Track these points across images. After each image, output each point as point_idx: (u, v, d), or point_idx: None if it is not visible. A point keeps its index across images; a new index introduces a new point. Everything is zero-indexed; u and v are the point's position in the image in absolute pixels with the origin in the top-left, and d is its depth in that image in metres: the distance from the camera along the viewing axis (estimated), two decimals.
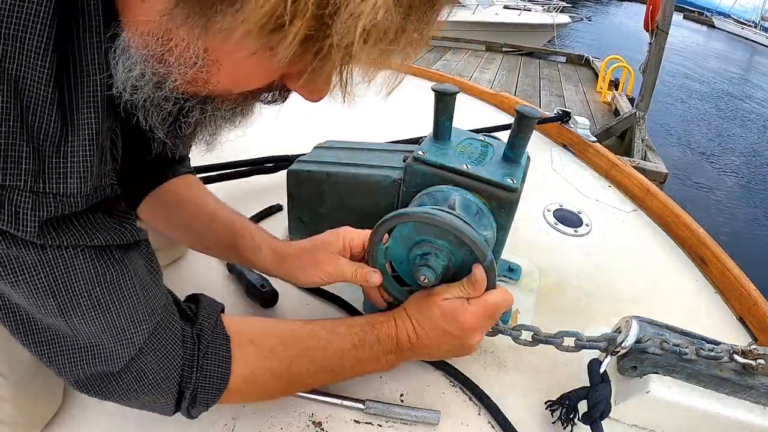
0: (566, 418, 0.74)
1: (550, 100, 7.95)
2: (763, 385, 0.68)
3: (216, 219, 0.82)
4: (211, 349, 0.59)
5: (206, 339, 0.59)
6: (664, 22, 5.45)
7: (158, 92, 0.43)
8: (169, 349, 0.56)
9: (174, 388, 0.57)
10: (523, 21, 12.33)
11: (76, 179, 0.43)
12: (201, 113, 0.47)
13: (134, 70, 0.41)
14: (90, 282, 0.48)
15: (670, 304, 1.04)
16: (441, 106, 0.78)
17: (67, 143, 0.41)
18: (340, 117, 1.87)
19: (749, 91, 14.52)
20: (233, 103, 0.48)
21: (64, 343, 0.51)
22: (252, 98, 0.49)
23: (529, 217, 1.25)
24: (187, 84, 0.42)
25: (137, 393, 0.56)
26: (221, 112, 0.48)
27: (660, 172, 5.39)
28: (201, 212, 0.83)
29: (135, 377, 0.54)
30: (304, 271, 0.75)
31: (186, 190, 0.85)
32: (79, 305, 0.48)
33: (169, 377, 0.56)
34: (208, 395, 0.60)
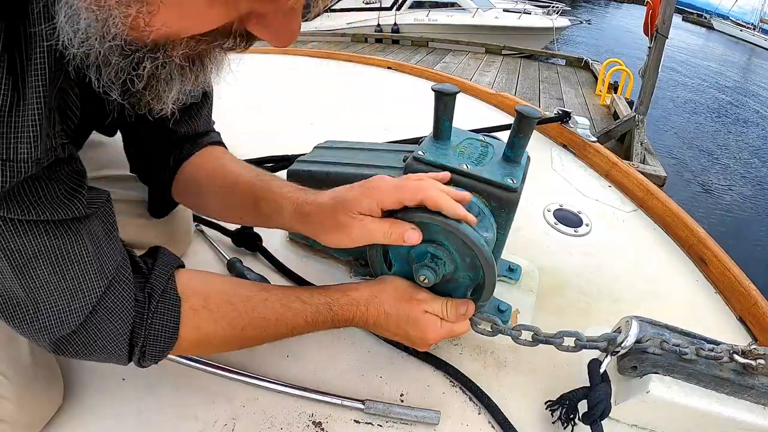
0: (566, 418, 0.74)
1: (549, 102, 7.95)
2: (763, 385, 0.68)
3: (237, 185, 0.79)
4: (160, 309, 0.61)
5: (156, 299, 0.61)
6: (664, 27, 5.46)
7: (104, 44, 0.41)
8: (120, 308, 0.58)
9: (125, 345, 0.59)
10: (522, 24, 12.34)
11: (26, 144, 0.43)
12: (152, 64, 0.44)
13: (77, 21, 0.39)
14: (41, 251, 0.49)
15: (670, 304, 1.03)
16: (441, 106, 0.78)
17: (18, 109, 0.41)
18: (340, 117, 1.87)
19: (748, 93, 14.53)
20: (187, 50, 0.44)
21: (23, 306, 0.52)
22: (208, 45, 0.45)
23: (529, 217, 1.25)
24: (130, 30, 0.40)
25: (92, 350, 0.58)
26: (174, 62, 0.45)
27: (659, 175, 5.39)
28: (225, 181, 0.81)
29: (89, 335, 0.57)
30: (327, 236, 0.70)
31: (211, 161, 0.84)
32: (32, 269, 0.50)
33: (120, 335, 0.58)
34: (156, 352, 0.62)
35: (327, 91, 2.16)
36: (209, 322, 0.64)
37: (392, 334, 0.74)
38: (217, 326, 0.65)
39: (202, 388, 0.78)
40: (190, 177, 0.83)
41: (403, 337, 0.73)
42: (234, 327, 0.66)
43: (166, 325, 0.61)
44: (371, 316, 0.71)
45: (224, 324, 0.65)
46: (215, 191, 0.82)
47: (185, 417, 0.74)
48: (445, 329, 0.72)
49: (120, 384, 0.78)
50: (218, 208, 0.85)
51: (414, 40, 12.18)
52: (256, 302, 0.67)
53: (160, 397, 0.76)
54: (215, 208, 0.86)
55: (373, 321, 0.72)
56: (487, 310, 0.89)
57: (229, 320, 0.65)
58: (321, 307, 0.70)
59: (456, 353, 0.87)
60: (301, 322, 0.69)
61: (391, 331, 0.73)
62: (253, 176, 0.79)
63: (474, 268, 0.71)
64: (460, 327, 0.74)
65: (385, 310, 0.71)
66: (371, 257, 0.77)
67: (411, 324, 0.71)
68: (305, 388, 0.77)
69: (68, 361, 0.80)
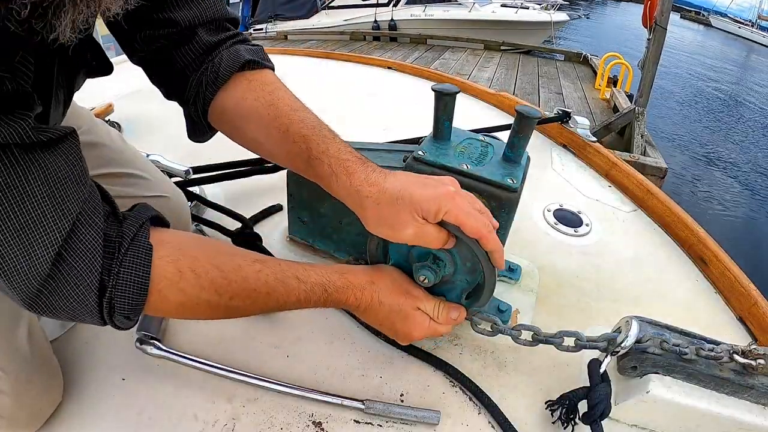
0: (566, 418, 0.74)
1: (548, 97, 7.94)
2: (763, 385, 0.68)
3: (287, 138, 0.70)
4: (129, 256, 0.55)
5: (125, 245, 0.55)
6: (662, 18, 5.45)
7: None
8: (87, 251, 0.53)
9: (94, 295, 0.54)
10: (520, 19, 12.31)
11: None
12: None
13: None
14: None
15: (670, 304, 1.04)
16: (441, 106, 0.78)
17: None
18: (340, 117, 1.87)
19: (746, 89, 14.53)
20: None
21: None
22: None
23: (529, 217, 1.25)
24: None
25: (62, 303, 0.53)
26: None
27: (660, 167, 5.39)
28: (271, 131, 0.71)
29: (58, 285, 0.52)
30: (378, 227, 0.66)
31: (256, 93, 0.73)
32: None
33: (88, 282, 0.53)
34: (126, 305, 0.56)
35: (327, 91, 2.16)
36: (195, 287, 0.59)
37: (378, 322, 0.73)
38: (203, 291, 0.60)
39: (202, 388, 0.78)
40: (230, 109, 0.74)
41: (389, 329, 0.73)
42: (221, 294, 0.61)
43: (135, 274, 0.55)
44: (364, 300, 0.71)
45: (211, 290, 0.60)
46: (259, 139, 0.74)
47: (185, 417, 0.74)
48: (430, 329, 0.73)
49: (120, 383, 0.78)
50: (269, 151, 0.76)
51: (412, 37, 12.16)
52: (249, 272, 0.63)
53: (160, 397, 0.76)
54: (265, 151, 0.77)
55: (364, 306, 0.71)
56: (487, 310, 0.89)
57: (217, 287, 0.61)
58: (316, 288, 0.67)
59: (456, 353, 0.87)
60: (293, 299, 0.66)
61: (378, 320, 0.73)
62: (308, 125, 0.70)
63: (473, 272, 0.71)
64: (443, 328, 0.74)
65: (379, 299, 0.71)
66: (371, 249, 0.77)
67: (401, 318, 0.72)
68: (305, 388, 0.77)
69: (68, 358, 0.80)
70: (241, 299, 0.63)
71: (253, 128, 0.73)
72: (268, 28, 12.80)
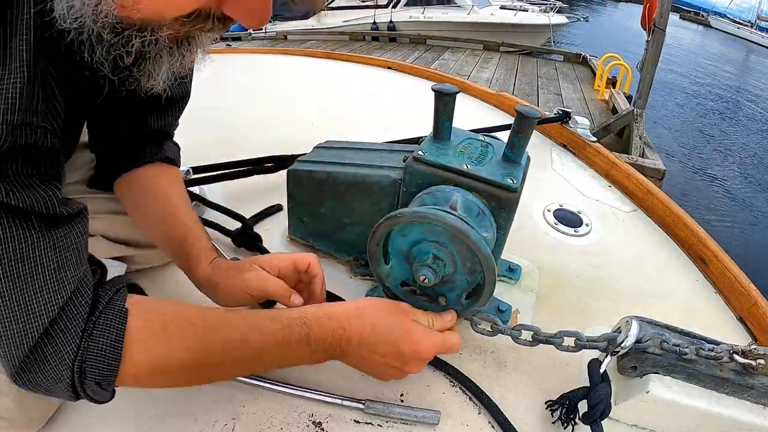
0: (566, 418, 0.74)
1: (548, 98, 7.95)
2: (763, 385, 0.68)
3: (169, 218, 0.82)
4: (102, 320, 0.54)
5: (99, 309, 0.54)
6: (661, 20, 5.45)
7: (97, 21, 0.44)
8: (71, 328, 0.52)
9: (68, 366, 0.52)
10: (519, 21, 12.33)
11: (2, 106, 0.42)
12: (140, 41, 0.47)
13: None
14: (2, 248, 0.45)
15: (670, 304, 1.04)
16: (441, 106, 0.78)
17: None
18: (339, 117, 1.87)
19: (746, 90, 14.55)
20: (172, 31, 0.48)
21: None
22: (192, 27, 0.49)
23: (529, 217, 1.25)
24: (121, 9, 0.44)
25: (41, 377, 0.51)
26: (162, 42, 0.48)
27: (658, 169, 5.40)
28: (159, 207, 0.83)
29: (38, 360, 0.51)
30: (226, 291, 0.76)
31: (155, 179, 0.85)
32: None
33: (65, 356, 0.51)
34: (98, 370, 0.53)
35: (327, 91, 2.16)
36: (163, 343, 0.57)
37: (380, 355, 0.66)
38: (172, 348, 0.57)
39: (202, 389, 0.78)
40: (132, 185, 0.85)
41: (395, 356, 0.66)
42: (191, 350, 0.58)
43: (108, 337, 0.53)
44: (354, 331, 0.65)
45: (181, 347, 0.58)
46: (148, 213, 0.84)
47: (185, 417, 0.74)
48: (438, 342, 0.69)
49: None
50: (144, 227, 0.87)
51: (412, 38, 12.18)
52: (217, 322, 0.61)
53: (159, 397, 0.76)
54: (142, 226, 0.87)
55: (357, 338, 0.65)
56: (487, 310, 0.89)
57: (186, 340, 0.58)
58: (293, 323, 0.63)
59: (456, 353, 0.86)
60: (271, 341, 0.62)
61: (379, 351, 0.66)
62: (187, 217, 0.82)
63: (473, 273, 0.71)
64: (452, 337, 0.71)
65: (371, 322, 0.66)
66: (371, 252, 0.77)
67: (402, 335, 0.66)
68: (305, 388, 0.77)
69: None
70: (214, 354, 0.60)
71: (145, 205, 0.84)
72: (268, 28, 12.81)
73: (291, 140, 1.36)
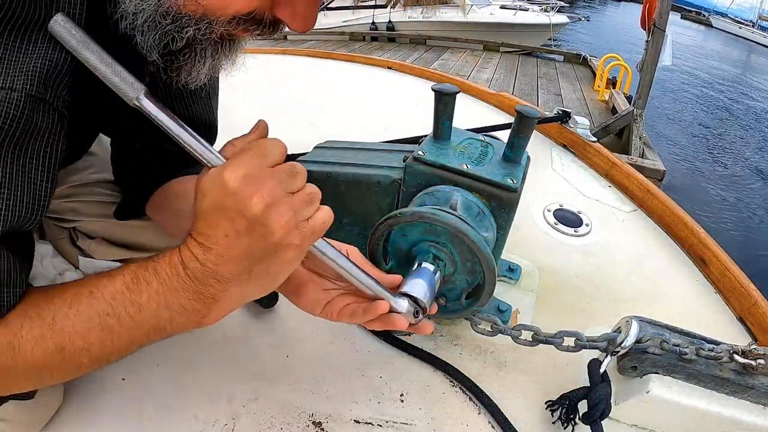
0: (566, 418, 0.74)
1: (547, 98, 7.95)
2: (763, 385, 0.68)
3: None
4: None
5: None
6: (661, 20, 5.45)
7: (159, 7, 0.47)
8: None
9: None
10: (518, 21, 12.32)
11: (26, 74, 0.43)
12: (194, 30, 0.49)
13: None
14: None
15: (670, 304, 1.04)
16: (441, 106, 0.78)
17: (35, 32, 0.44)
18: (340, 117, 1.87)
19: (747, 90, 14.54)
20: (226, 29, 0.50)
21: None
22: (244, 30, 0.51)
23: (529, 217, 1.25)
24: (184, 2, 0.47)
25: None
26: (212, 37, 0.50)
27: (658, 169, 5.41)
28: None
29: None
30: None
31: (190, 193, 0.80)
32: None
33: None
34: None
35: (327, 91, 2.16)
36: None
37: (227, 241, 0.48)
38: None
39: (202, 388, 0.78)
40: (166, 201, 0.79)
41: (229, 227, 0.48)
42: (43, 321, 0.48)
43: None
44: (193, 247, 0.49)
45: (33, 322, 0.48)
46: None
47: (185, 417, 0.74)
48: (248, 158, 0.49)
49: (120, 384, 0.78)
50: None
51: (412, 38, 12.17)
52: (58, 289, 0.51)
53: (160, 397, 0.76)
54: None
55: (196, 243, 0.49)
56: (487, 310, 0.89)
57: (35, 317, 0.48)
58: (141, 263, 0.51)
59: (456, 353, 0.87)
60: (119, 286, 0.49)
61: (216, 235, 0.48)
62: None
63: (473, 273, 0.71)
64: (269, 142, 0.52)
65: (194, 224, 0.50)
66: (371, 252, 0.77)
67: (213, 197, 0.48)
68: (305, 389, 0.77)
69: None
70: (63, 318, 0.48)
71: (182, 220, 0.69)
72: None
73: (291, 140, 1.36)
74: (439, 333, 0.90)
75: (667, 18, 5.52)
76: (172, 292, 0.49)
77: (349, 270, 0.59)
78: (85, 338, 0.48)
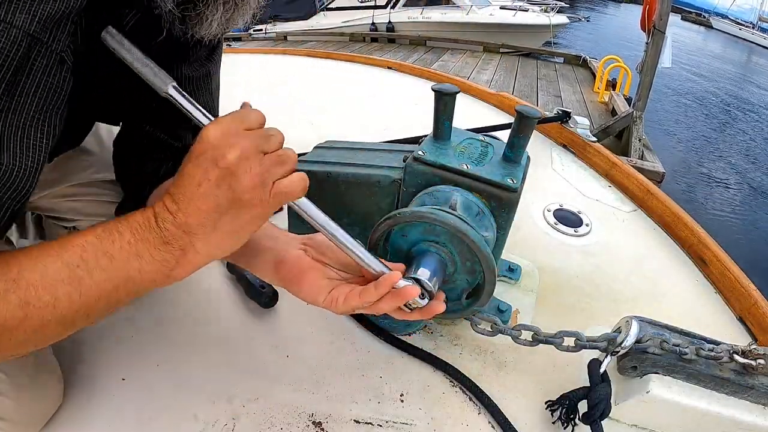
0: (566, 418, 0.74)
1: (547, 100, 7.95)
2: (763, 385, 0.68)
3: None
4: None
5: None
6: (661, 22, 5.45)
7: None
8: None
9: None
10: (518, 21, 12.31)
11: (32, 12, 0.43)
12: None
13: None
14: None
15: (670, 304, 1.04)
16: (441, 106, 0.78)
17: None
18: (340, 117, 1.87)
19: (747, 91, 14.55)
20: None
21: None
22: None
23: (529, 217, 1.25)
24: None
25: None
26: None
27: (657, 171, 5.41)
28: None
29: None
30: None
31: None
32: None
33: None
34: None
35: (327, 91, 2.16)
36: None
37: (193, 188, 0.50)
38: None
39: (202, 388, 0.78)
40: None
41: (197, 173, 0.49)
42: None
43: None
44: (167, 200, 0.51)
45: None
46: None
47: (185, 417, 0.74)
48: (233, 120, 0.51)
49: (120, 384, 0.78)
50: None
51: (412, 39, 12.18)
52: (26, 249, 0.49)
53: (160, 397, 0.76)
54: None
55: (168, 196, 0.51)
56: (487, 310, 0.89)
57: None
58: (115, 220, 0.51)
59: (456, 353, 0.87)
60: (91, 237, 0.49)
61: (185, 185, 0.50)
62: None
63: (473, 272, 0.71)
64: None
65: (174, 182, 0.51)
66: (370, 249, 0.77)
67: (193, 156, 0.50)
68: (305, 389, 0.77)
69: (68, 359, 0.80)
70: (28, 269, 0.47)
71: None
72: (268, 29, 12.82)
73: (291, 140, 1.36)
74: (439, 333, 0.90)
75: (667, 19, 5.52)
76: (143, 242, 0.50)
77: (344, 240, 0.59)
78: (52, 292, 0.46)
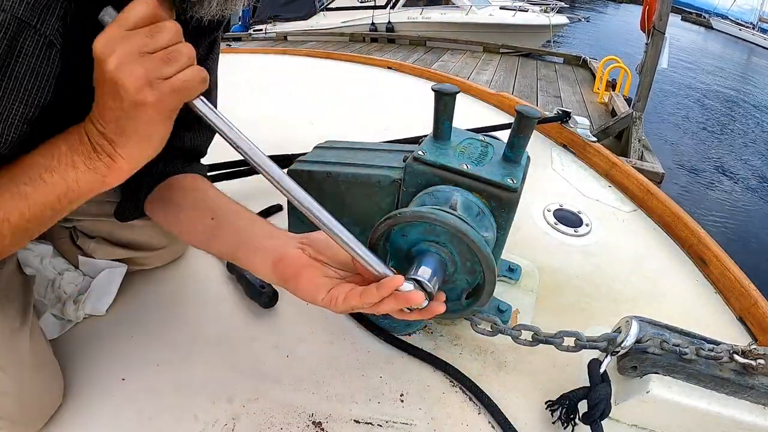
0: (566, 418, 0.74)
1: (547, 100, 7.94)
2: (763, 385, 0.68)
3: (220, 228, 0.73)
4: None
5: None
6: (661, 23, 5.45)
7: None
8: None
9: None
10: (518, 22, 12.30)
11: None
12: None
13: None
14: None
15: (670, 304, 1.04)
16: (441, 106, 0.78)
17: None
18: (340, 117, 1.87)
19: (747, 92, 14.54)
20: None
21: None
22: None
23: (529, 217, 1.25)
24: None
25: None
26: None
27: (657, 172, 5.41)
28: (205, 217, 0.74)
29: None
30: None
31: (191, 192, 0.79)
32: None
33: None
34: None
35: (327, 91, 2.16)
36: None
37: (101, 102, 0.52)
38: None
39: (202, 388, 0.78)
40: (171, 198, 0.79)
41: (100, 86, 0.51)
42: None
43: None
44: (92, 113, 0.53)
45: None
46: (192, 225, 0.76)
47: (185, 417, 0.74)
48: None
49: (120, 384, 0.78)
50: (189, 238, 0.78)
51: (411, 39, 12.18)
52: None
53: (160, 396, 0.76)
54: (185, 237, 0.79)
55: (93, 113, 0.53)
56: (487, 310, 0.89)
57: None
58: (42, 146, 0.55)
59: (456, 353, 0.87)
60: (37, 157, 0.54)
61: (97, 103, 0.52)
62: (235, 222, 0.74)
63: (473, 272, 0.71)
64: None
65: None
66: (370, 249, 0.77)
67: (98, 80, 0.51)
68: (305, 389, 0.77)
69: (68, 358, 0.80)
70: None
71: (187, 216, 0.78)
72: (268, 29, 12.82)
73: (291, 140, 1.36)
74: (439, 333, 0.90)
75: (667, 20, 5.52)
76: (77, 153, 0.53)
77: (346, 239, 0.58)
78: (4, 208, 0.52)
